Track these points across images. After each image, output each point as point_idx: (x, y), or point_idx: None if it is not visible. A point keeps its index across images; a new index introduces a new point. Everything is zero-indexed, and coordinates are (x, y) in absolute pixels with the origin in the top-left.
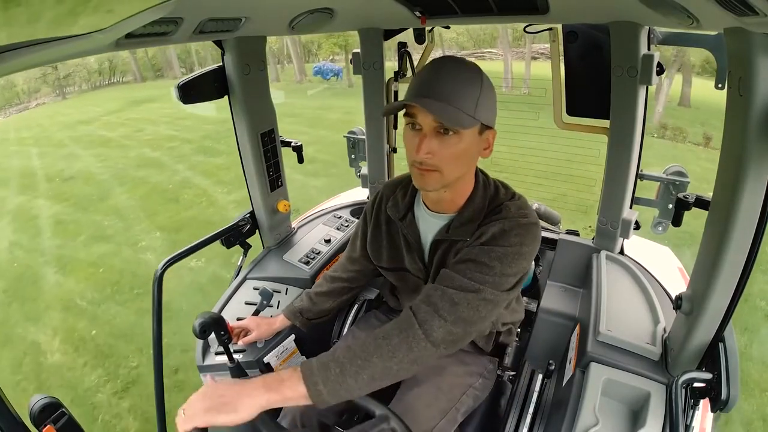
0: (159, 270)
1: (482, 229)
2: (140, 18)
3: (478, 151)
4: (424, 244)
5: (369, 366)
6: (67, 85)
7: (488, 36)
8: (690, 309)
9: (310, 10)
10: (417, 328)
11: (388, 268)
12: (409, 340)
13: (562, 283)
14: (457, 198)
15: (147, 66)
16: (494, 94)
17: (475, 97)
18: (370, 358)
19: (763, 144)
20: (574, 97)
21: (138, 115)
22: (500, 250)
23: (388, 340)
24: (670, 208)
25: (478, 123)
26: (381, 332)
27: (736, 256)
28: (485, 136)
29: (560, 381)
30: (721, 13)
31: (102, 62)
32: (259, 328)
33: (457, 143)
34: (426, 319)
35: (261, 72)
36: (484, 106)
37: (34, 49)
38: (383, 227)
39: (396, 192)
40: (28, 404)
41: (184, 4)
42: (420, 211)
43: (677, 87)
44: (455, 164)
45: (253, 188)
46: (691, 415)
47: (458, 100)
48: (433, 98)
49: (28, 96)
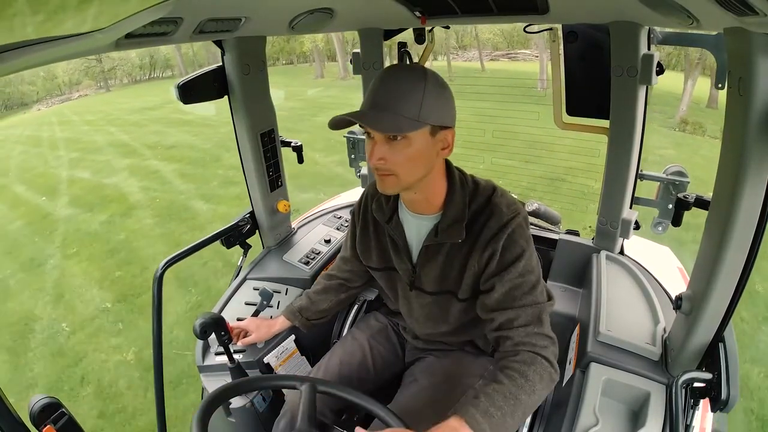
0: (159, 270)
1: (490, 244)
2: (140, 18)
3: (435, 152)
4: (411, 246)
5: (520, 404)
6: (110, 78)
7: (522, 37)
8: (690, 309)
9: (310, 10)
10: (540, 359)
11: (377, 269)
12: (539, 371)
13: (562, 283)
14: (431, 198)
15: (190, 61)
16: (445, 95)
17: (418, 101)
18: (519, 397)
19: (763, 144)
20: (574, 97)
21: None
22: (521, 265)
23: (525, 378)
24: (670, 208)
25: (425, 125)
26: (514, 372)
27: (736, 256)
28: (441, 137)
29: (560, 381)
30: (721, 13)
31: (143, 57)
32: (258, 329)
33: (407, 147)
34: (537, 344)
35: (261, 72)
36: (431, 109)
37: (34, 49)
38: (371, 228)
39: (379, 194)
40: (28, 404)
41: (184, 4)
42: (404, 213)
43: (705, 88)
44: (409, 167)
45: (253, 188)
46: (691, 415)
47: (399, 107)
48: (376, 109)
49: (69, 87)
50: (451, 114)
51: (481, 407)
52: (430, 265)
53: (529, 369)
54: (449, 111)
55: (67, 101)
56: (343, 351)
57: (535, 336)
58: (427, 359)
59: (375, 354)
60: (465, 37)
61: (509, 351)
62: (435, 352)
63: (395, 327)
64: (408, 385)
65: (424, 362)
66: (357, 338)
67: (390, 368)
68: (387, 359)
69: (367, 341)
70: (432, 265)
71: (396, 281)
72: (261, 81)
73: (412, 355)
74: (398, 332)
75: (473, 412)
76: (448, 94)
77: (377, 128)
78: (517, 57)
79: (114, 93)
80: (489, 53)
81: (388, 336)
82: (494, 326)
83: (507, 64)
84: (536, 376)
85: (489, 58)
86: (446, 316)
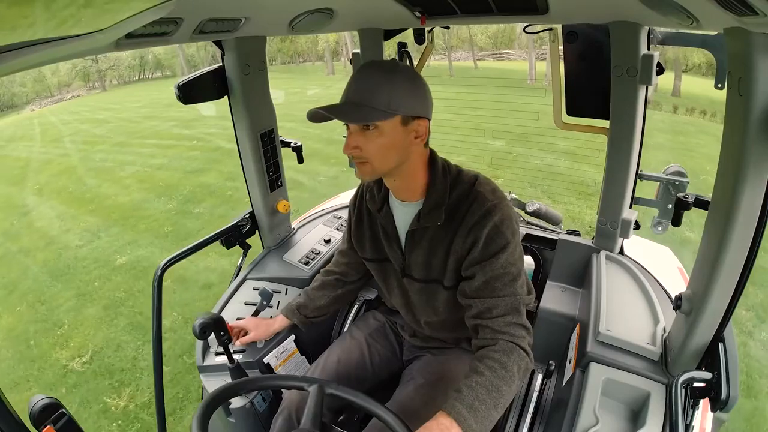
0: (158, 270)
1: (473, 230)
2: (140, 18)
3: (408, 141)
4: (400, 233)
5: (501, 396)
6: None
7: (506, 38)
8: (690, 309)
9: (310, 10)
10: (518, 349)
11: (371, 259)
12: (517, 361)
13: (562, 283)
14: (412, 185)
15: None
16: (417, 86)
17: (387, 92)
18: (500, 388)
19: (762, 144)
20: (573, 97)
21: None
22: (504, 257)
23: (505, 368)
24: (670, 208)
25: (393, 115)
26: (494, 363)
27: (736, 256)
28: (413, 126)
29: (560, 381)
30: (721, 13)
31: (134, 58)
32: (257, 328)
33: (378, 136)
34: (515, 333)
35: (261, 72)
36: (401, 99)
37: (34, 49)
38: (365, 219)
39: (372, 185)
40: (28, 404)
41: (184, 4)
42: (393, 202)
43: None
44: (382, 155)
45: (253, 188)
46: (691, 414)
47: (369, 98)
48: (348, 102)
49: (59, 89)
50: (423, 104)
51: (465, 402)
52: (417, 251)
53: (509, 359)
54: (421, 101)
55: (60, 102)
56: (341, 350)
57: (513, 326)
58: (424, 357)
59: (373, 353)
60: (452, 38)
61: (488, 339)
62: (432, 351)
63: (393, 326)
64: (406, 383)
65: (421, 360)
66: (355, 337)
67: (388, 367)
68: (385, 358)
69: (365, 340)
70: (418, 251)
71: (389, 272)
72: (261, 81)
73: (409, 354)
74: (396, 331)
75: (459, 407)
76: (420, 84)
77: (345, 119)
78: (502, 57)
79: (110, 93)
80: (475, 53)
81: (386, 335)
82: (473, 313)
83: (493, 63)
84: (515, 366)
85: (475, 58)
86: (435, 304)
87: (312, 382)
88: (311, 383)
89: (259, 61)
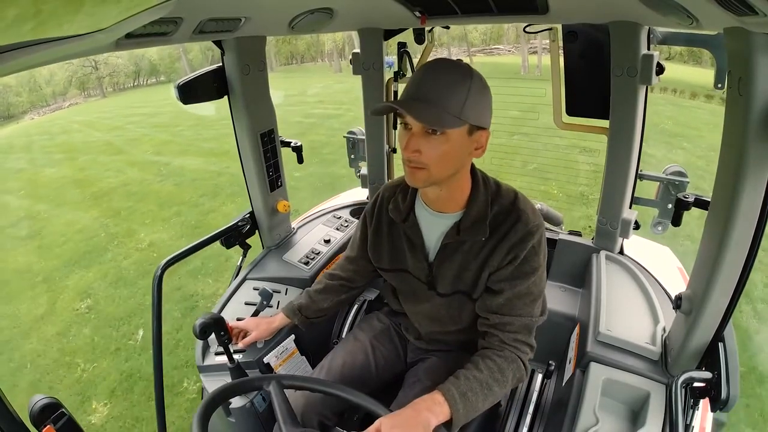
0: (158, 270)
1: (514, 247)
2: (140, 18)
3: (468, 152)
4: (428, 245)
5: (492, 394)
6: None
7: (495, 34)
8: (689, 309)
9: (310, 10)
10: (520, 362)
11: (388, 270)
12: (515, 371)
13: (562, 283)
14: (456, 196)
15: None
16: (486, 97)
17: (462, 99)
18: (492, 388)
19: (762, 144)
20: (573, 97)
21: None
22: (533, 279)
23: (502, 373)
24: (670, 208)
25: (464, 123)
26: (494, 365)
27: (736, 256)
28: (476, 137)
29: (560, 381)
30: (721, 13)
31: (128, 65)
32: (258, 328)
33: (444, 143)
34: (521, 349)
35: (261, 72)
36: (473, 108)
37: (34, 49)
38: (384, 229)
39: (396, 194)
40: (28, 404)
41: (183, 4)
42: (422, 212)
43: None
44: (442, 163)
45: (253, 188)
46: (690, 414)
47: (443, 101)
48: (420, 100)
49: (54, 98)
50: (488, 115)
51: (460, 389)
52: (447, 264)
53: (508, 367)
54: (487, 112)
55: (58, 110)
56: (346, 352)
57: (521, 343)
58: (429, 360)
59: (377, 355)
60: (442, 35)
61: (495, 345)
62: (437, 353)
63: (397, 328)
64: (411, 385)
65: (426, 363)
66: (359, 339)
67: (392, 369)
68: (389, 360)
69: (370, 342)
70: (449, 264)
71: (408, 282)
72: (261, 81)
73: (414, 356)
74: (400, 333)
75: (453, 392)
76: (488, 95)
77: (421, 119)
78: (492, 52)
79: (110, 99)
80: (466, 49)
81: (390, 337)
82: (488, 324)
83: (485, 58)
84: (511, 373)
85: (467, 54)
86: (459, 316)
87: (267, 380)
88: (269, 381)
89: (259, 61)
